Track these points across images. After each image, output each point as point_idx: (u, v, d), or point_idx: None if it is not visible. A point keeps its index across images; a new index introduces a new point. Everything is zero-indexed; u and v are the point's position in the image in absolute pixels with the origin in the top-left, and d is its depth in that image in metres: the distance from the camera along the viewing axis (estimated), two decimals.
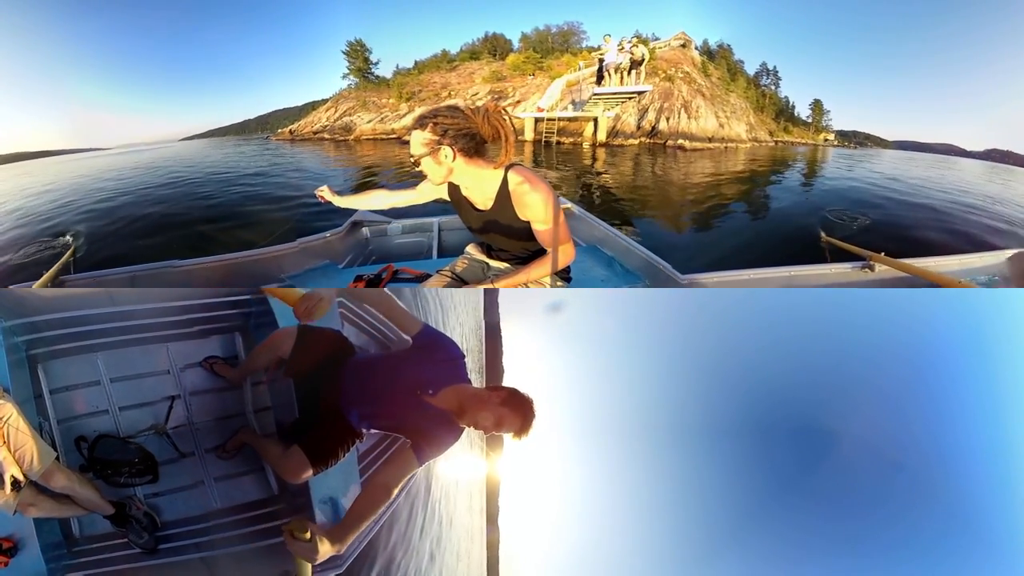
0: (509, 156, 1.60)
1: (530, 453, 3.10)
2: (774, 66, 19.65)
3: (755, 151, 16.03)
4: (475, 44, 20.16)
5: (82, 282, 2.50)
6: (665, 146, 14.48)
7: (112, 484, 1.60)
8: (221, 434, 1.73)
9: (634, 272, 2.93)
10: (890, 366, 2.66)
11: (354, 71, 18.65)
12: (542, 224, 1.62)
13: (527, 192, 1.59)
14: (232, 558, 1.63)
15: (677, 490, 2.95)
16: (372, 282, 2.67)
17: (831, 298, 2.77)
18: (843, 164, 14.73)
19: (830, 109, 20.47)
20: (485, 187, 1.66)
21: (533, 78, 17.19)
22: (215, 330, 1.75)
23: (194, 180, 11.23)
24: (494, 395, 1.36)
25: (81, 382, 1.62)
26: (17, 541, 1.47)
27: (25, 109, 18.49)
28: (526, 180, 1.59)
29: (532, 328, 3.08)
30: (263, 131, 22.59)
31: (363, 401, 1.51)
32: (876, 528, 2.72)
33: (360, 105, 18.05)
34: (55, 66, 18.09)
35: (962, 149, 19.40)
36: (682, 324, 2.91)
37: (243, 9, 21.49)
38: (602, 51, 12.51)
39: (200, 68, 22.85)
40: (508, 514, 3.28)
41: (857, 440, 2.68)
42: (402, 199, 2.01)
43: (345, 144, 16.80)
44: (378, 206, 2.09)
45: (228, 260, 2.82)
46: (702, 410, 2.84)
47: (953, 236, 7.03)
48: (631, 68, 12.07)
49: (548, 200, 1.59)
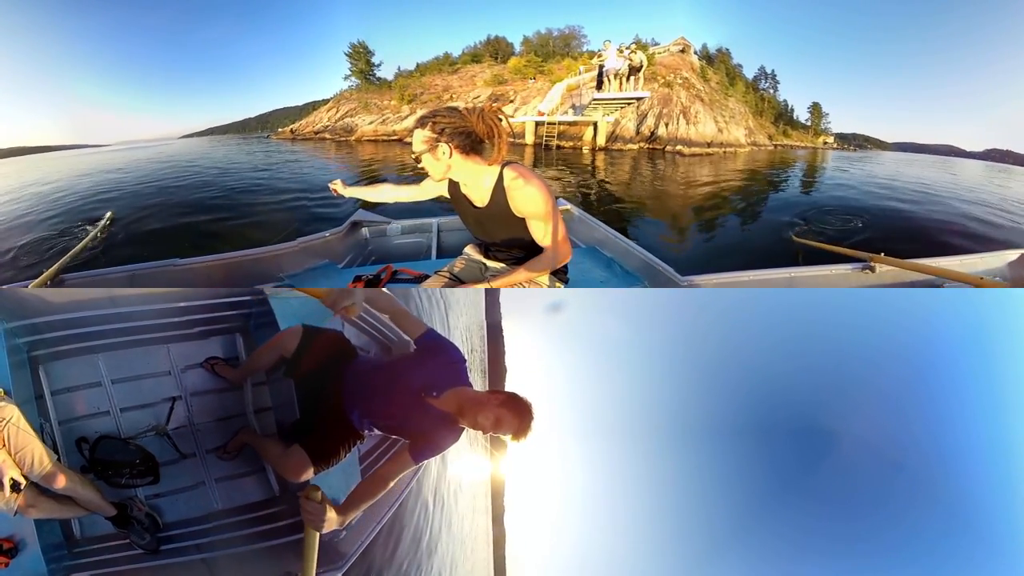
0: (503, 154, 1.63)
1: (533, 453, 3.11)
2: (772, 70, 19.69)
3: (754, 155, 16.08)
4: (477, 47, 20.25)
5: (83, 282, 2.49)
6: (664, 151, 14.67)
7: (113, 485, 1.60)
8: (222, 435, 1.73)
9: (634, 273, 2.93)
10: (890, 366, 2.66)
11: (356, 73, 18.78)
12: (538, 221, 1.63)
13: (521, 187, 1.60)
14: (233, 559, 1.63)
15: (679, 489, 2.95)
16: (371, 283, 2.66)
17: (832, 299, 2.77)
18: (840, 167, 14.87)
19: (829, 112, 20.47)
20: (482, 183, 1.68)
21: (534, 82, 17.35)
22: (216, 331, 1.76)
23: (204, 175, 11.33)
24: (493, 397, 1.38)
25: (82, 383, 1.62)
26: (18, 542, 1.46)
27: (25, 105, 18.49)
28: (520, 176, 1.61)
29: (533, 328, 3.08)
30: (263, 130, 22.61)
31: (365, 402, 1.52)
32: (877, 527, 2.73)
33: (362, 107, 18.17)
34: (56, 63, 18.08)
35: (962, 150, 19.43)
36: (682, 325, 2.92)
37: (245, 8, 21.46)
38: (602, 57, 12.67)
39: (201, 66, 22.76)
40: (513, 514, 3.29)
41: (858, 440, 2.69)
42: (406, 194, 2.06)
43: (346, 144, 16.92)
44: (383, 198, 2.15)
45: (228, 259, 2.82)
46: (703, 410, 2.84)
47: (953, 237, 7.03)
48: (630, 74, 12.26)
49: (543, 197, 1.60)
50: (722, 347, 2.82)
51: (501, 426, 1.33)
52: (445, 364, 1.49)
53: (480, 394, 1.42)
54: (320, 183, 7.76)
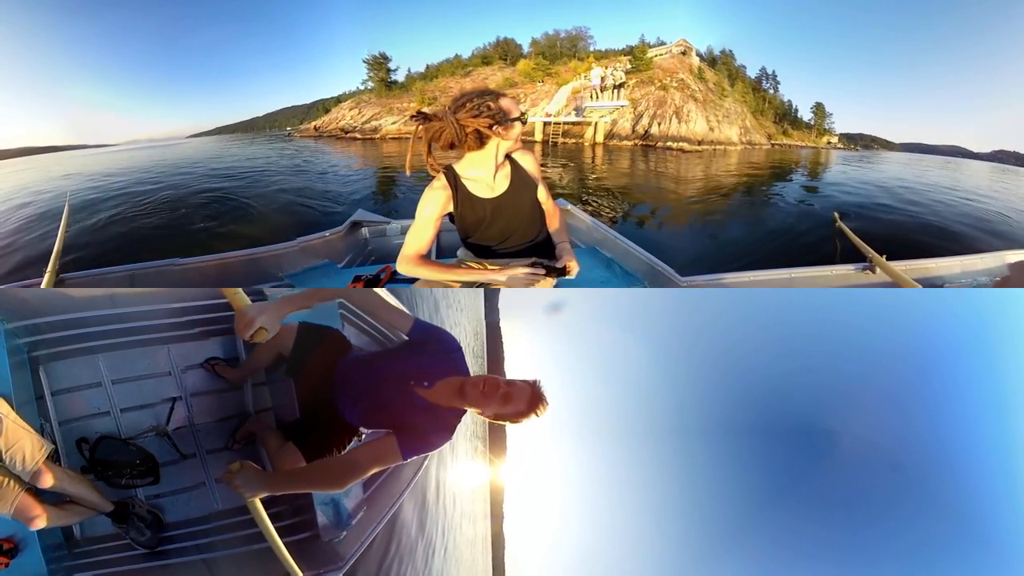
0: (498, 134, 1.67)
1: (532, 452, 3.11)
2: (773, 70, 19.88)
3: (748, 154, 16.87)
4: (486, 48, 20.81)
5: (83, 282, 2.50)
6: (655, 148, 16.51)
7: (114, 486, 1.60)
8: (222, 435, 1.73)
9: (633, 273, 2.93)
10: (890, 366, 2.66)
11: (375, 80, 19.86)
12: (541, 184, 1.83)
13: (527, 157, 1.81)
14: (233, 559, 1.64)
15: (679, 490, 2.95)
16: (371, 282, 2.67)
17: (832, 299, 2.77)
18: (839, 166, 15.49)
19: (832, 112, 20.50)
20: (498, 170, 1.75)
21: (542, 84, 18.74)
22: (216, 331, 1.75)
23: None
24: (498, 376, 1.36)
25: (82, 384, 1.62)
26: (18, 542, 1.47)
27: (30, 106, 18.49)
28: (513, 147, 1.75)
29: (532, 328, 3.08)
30: (271, 128, 22.70)
31: (357, 396, 1.50)
32: (876, 528, 2.73)
33: (386, 111, 19.64)
34: (61, 63, 18.09)
35: (969, 150, 19.38)
36: (682, 325, 2.92)
37: (251, 7, 21.45)
38: (589, 77, 16.77)
39: (208, 65, 22.72)
40: (512, 514, 3.28)
41: (858, 440, 2.69)
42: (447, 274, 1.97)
43: (371, 142, 18.41)
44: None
45: (228, 259, 2.83)
46: (703, 411, 2.84)
47: (952, 237, 7.03)
48: (615, 88, 16.35)
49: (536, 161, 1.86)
50: (722, 347, 2.82)
51: (510, 401, 1.28)
52: (438, 353, 1.46)
53: (482, 375, 1.40)
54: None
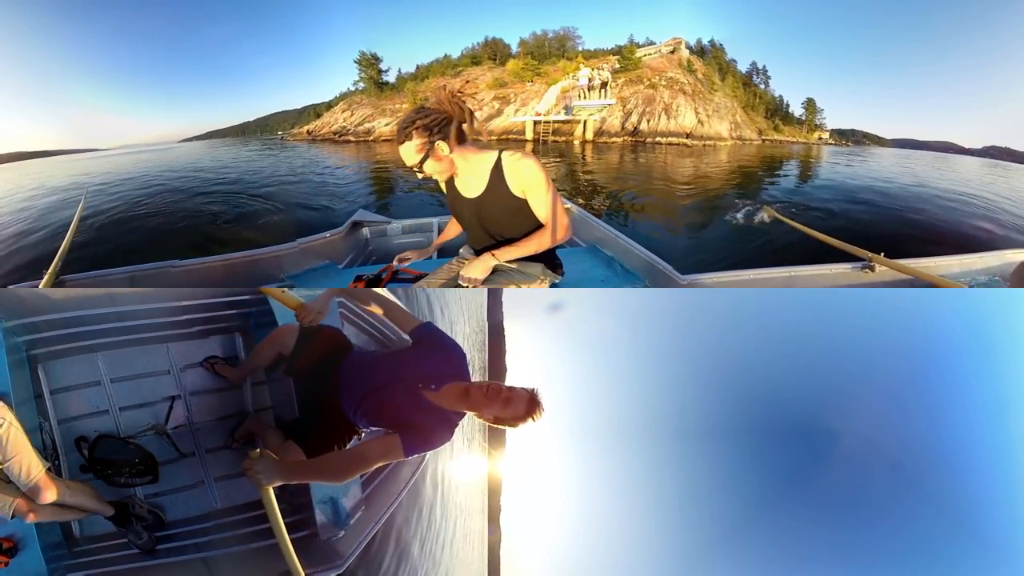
0: (482, 130, 1.72)
1: (531, 452, 3.11)
2: (763, 65, 19.94)
3: (738, 149, 16.98)
4: (475, 48, 20.83)
5: (82, 282, 2.50)
6: (644, 143, 16.91)
7: (112, 484, 1.60)
8: (221, 434, 1.73)
9: (634, 272, 2.93)
10: (891, 366, 2.66)
11: (366, 80, 19.79)
12: (537, 193, 1.69)
13: (518, 162, 1.68)
14: (233, 558, 1.63)
15: (678, 490, 2.95)
16: (372, 282, 2.66)
17: (831, 298, 2.77)
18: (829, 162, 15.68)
19: (823, 108, 20.56)
20: (479, 171, 1.72)
21: (532, 84, 18.85)
22: (215, 330, 1.75)
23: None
24: (500, 382, 1.40)
25: (81, 382, 1.62)
26: (17, 541, 1.46)
27: (24, 110, 18.54)
28: (517, 152, 1.69)
29: (533, 328, 3.08)
30: (263, 132, 22.71)
31: (359, 396, 1.51)
32: (876, 528, 2.72)
33: (379, 113, 19.33)
34: (54, 66, 18.13)
35: (960, 147, 19.42)
36: (682, 324, 2.91)
37: (243, 12, 21.55)
38: (576, 78, 16.96)
39: (200, 70, 22.88)
40: (509, 513, 3.29)
41: (858, 440, 2.68)
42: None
43: (365, 144, 18.44)
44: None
45: (228, 260, 2.82)
46: (703, 410, 2.84)
47: (951, 237, 7.03)
48: (601, 87, 16.76)
49: (540, 169, 1.67)
50: (722, 346, 2.81)
51: (510, 406, 1.33)
52: (443, 357, 1.49)
53: (484, 381, 1.44)
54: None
